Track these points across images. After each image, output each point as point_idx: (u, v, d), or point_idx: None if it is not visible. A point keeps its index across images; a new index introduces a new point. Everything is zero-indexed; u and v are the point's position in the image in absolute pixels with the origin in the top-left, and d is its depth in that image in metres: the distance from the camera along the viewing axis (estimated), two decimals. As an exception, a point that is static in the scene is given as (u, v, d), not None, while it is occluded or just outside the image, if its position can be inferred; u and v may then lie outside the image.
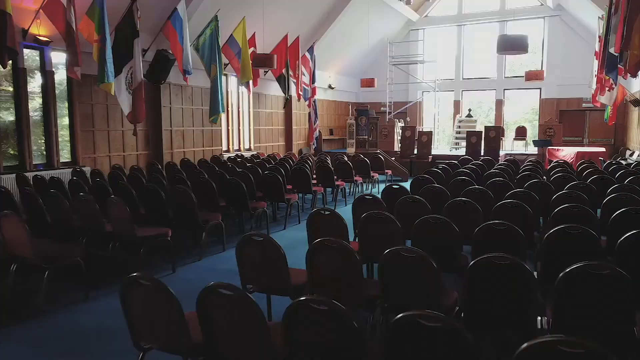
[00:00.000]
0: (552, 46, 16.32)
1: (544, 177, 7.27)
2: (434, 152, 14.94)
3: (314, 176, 9.25)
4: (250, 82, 11.78)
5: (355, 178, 9.83)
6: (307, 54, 13.83)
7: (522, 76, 17.52)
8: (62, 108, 8.75)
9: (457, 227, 3.74)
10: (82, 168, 8.39)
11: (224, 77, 12.47)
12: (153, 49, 9.58)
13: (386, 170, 11.42)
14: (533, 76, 12.01)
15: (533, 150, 16.00)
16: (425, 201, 4.79)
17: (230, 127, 12.64)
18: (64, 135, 8.77)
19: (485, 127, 14.36)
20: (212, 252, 6.04)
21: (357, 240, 4.66)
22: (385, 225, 3.97)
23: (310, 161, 10.81)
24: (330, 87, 17.29)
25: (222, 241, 6.15)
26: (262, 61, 9.23)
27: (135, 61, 8.48)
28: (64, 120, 8.76)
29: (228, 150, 12.63)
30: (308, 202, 9.29)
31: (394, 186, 5.85)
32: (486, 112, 25.41)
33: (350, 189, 10.62)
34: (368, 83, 14.33)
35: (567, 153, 12.18)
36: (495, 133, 13.98)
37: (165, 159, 10.37)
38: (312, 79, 13.94)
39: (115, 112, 9.05)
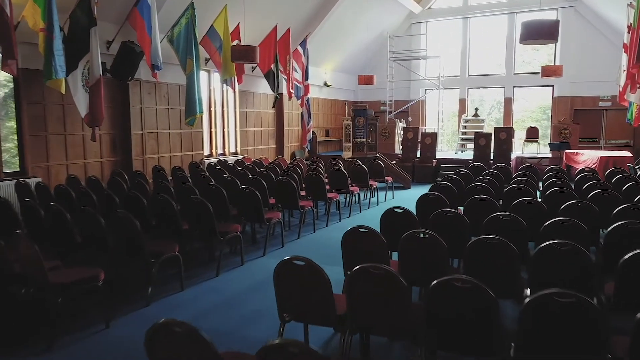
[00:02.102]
0: (566, 40, 15.03)
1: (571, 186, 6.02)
2: (438, 155, 13.70)
3: (305, 185, 8.01)
4: (234, 79, 10.54)
5: (351, 188, 8.58)
6: (300, 48, 12.57)
7: (533, 72, 16.39)
8: (9, 109, 7.52)
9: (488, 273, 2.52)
10: (30, 179, 7.16)
11: (204, 74, 11.24)
12: (118, 41, 8.32)
13: (386, 178, 10.17)
14: (550, 72, 10.77)
15: (545, 152, 14.79)
16: (440, 237, 3.55)
17: (213, 129, 11.39)
18: (11, 141, 7.54)
19: (495, 128, 13.12)
20: (167, 291, 4.79)
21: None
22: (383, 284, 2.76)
23: (302, 167, 9.56)
24: (325, 84, 16.05)
25: (180, 277, 4.90)
26: (241, 54, 7.97)
27: (93, 54, 7.24)
28: (10, 123, 7.53)
29: (211, 155, 11.38)
30: (295, 219, 8.04)
31: (396, 210, 4.60)
32: (488, 111, 24.12)
33: (346, 198, 9.39)
34: (366, 80, 13.08)
35: (588, 157, 10.93)
36: (506, 135, 12.74)
37: (136, 166, 9.13)
38: (305, 76, 12.69)
39: (73, 114, 7.79)
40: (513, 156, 13.20)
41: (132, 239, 4.40)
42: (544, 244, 3.17)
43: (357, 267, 2.74)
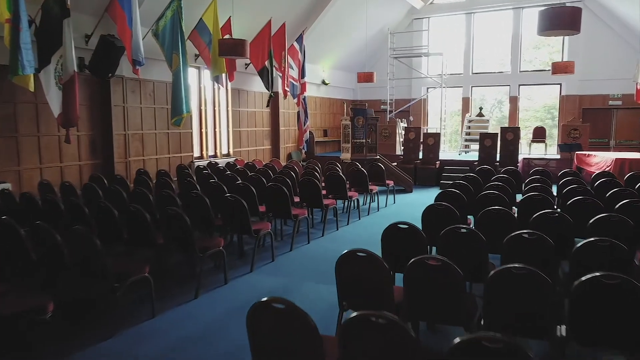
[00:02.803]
0: (574, 36, 14.39)
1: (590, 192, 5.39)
2: (440, 156, 13.06)
3: (299, 191, 7.39)
4: (225, 76, 9.93)
5: (349, 194, 7.95)
6: (296, 44, 11.94)
7: (540, 70, 15.79)
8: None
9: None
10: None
11: (194, 71, 10.62)
12: (98, 35, 7.69)
13: (387, 182, 9.54)
14: (561, 69, 10.15)
15: (552, 154, 14.17)
16: (453, 262, 2.91)
17: (203, 130, 10.75)
18: (-22, 142, 6.92)
19: (501, 128, 12.47)
20: (136, 319, 4.16)
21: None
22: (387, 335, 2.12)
23: (297, 171, 8.93)
24: (323, 82, 15.41)
25: (151, 301, 4.26)
26: (230, 48, 7.32)
27: (66, 48, 6.61)
28: (-23, 124, 6.91)
29: (201, 157, 10.75)
30: (289, 227, 7.41)
31: (400, 226, 3.98)
32: (489, 110, 23.49)
33: (344, 204, 8.76)
34: (366, 78, 12.44)
35: (601, 160, 10.29)
36: (513, 135, 12.11)
37: (118, 170, 8.51)
38: (302, 73, 12.06)
39: (47, 113, 7.14)
40: (519, 157, 12.57)
41: (90, 259, 3.77)
42: (588, 276, 2.53)
43: (354, 315, 2.10)
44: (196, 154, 10.69)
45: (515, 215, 5.20)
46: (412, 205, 9.73)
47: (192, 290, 4.75)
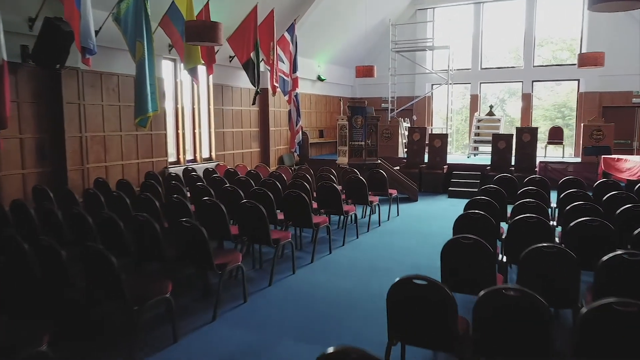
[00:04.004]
0: (594, 27, 13.11)
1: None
2: (448, 159, 11.76)
3: (284, 207, 6.08)
4: (200, 68, 8.64)
5: (345, 208, 6.65)
6: (286, 35, 10.64)
7: (557, 65, 14.50)
8: None
9: None
10: None
11: (169, 63, 9.32)
12: (42, 18, 6.38)
13: (390, 191, 8.25)
14: (589, 60, 8.87)
15: (569, 157, 12.91)
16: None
17: (180, 131, 9.44)
18: None
19: (517, 128, 11.18)
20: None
21: None
22: None
23: (284, 179, 7.65)
24: (319, 78, 14.12)
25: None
26: (198, 32, 5.99)
27: (-7, 31, 5.33)
28: None
29: (178, 162, 9.44)
30: (267, 253, 6.06)
31: (416, 282, 2.67)
32: (493, 108, 22.19)
33: (339, 218, 7.47)
34: (365, 72, 11.14)
35: (634, 165, 8.99)
36: (530, 136, 10.81)
37: (72, 179, 7.21)
38: (293, 68, 10.76)
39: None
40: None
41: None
42: None
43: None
44: (172, 158, 9.39)
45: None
46: (420, 218, 8.43)
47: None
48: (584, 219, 3.96)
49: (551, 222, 4.91)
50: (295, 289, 4.89)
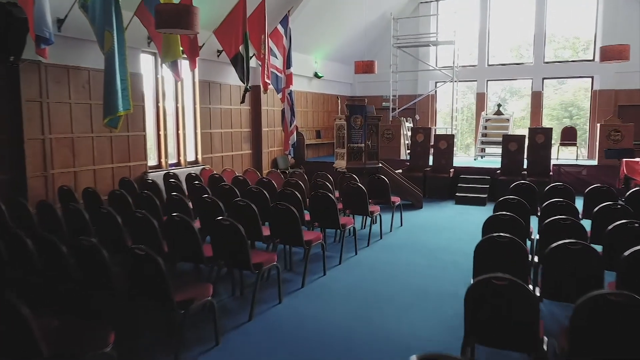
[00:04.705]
0: (610, 20, 12.27)
1: None
2: (454, 162, 10.92)
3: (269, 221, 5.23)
4: (181, 62, 7.80)
5: (342, 221, 5.80)
6: (280, 28, 9.79)
7: (569, 61, 13.67)
8: None
9: None
10: None
11: (149, 57, 8.48)
12: (-6, 3, 5.55)
13: (393, 199, 7.41)
14: (613, 54, 8.03)
15: (584, 159, 12.08)
16: None
17: (162, 132, 8.59)
18: None
19: (529, 129, 10.34)
20: None
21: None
22: None
23: (274, 186, 6.82)
24: (316, 76, 13.27)
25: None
26: (167, 17, 5.14)
27: None
28: None
29: (159, 166, 8.60)
30: (251, 275, 5.22)
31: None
32: (491, 108, 21.38)
33: (335, 232, 6.63)
34: (365, 67, 10.29)
35: (661, 169, 8.17)
36: (544, 137, 9.97)
37: (33, 187, 6.37)
38: (287, 63, 9.91)
39: None
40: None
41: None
42: None
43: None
44: (153, 162, 8.55)
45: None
46: (425, 228, 7.59)
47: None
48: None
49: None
50: (280, 325, 4.04)
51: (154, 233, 4.27)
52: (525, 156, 10.12)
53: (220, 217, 4.15)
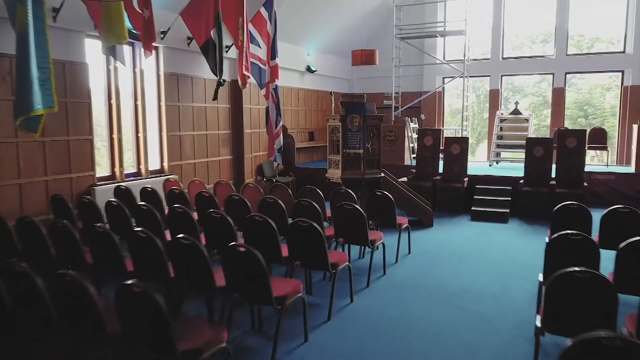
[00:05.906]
0: (633, 6, 10.79)
1: None
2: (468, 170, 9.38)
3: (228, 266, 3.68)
4: (140, 51, 6.26)
5: (332, 260, 4.24)
6: (263, 11, 8.23)
7: (595, 53, 12.16)
8: None
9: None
10: None
11: (97, 42, 6.88)
12: None
13: (399, 221, 5.87)
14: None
15: (613, 165, 10.61)
16: None
17: (115, 135, 7.02)
18: None
19: (558, 131, 8.82)
20: None
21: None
22: None
23: (247, 206, 5.27)
24: (309, 70, 11.74)
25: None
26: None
27: None
28: None
29: (113, 177, 7.04)
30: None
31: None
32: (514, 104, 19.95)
33: (324, 274, 5.06)
34: (365, 58, 8.73)
35: None
36: (576, 141, 8.43)
37: None
38: (272, 53, 8.36)
39: None
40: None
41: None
42: None
43: None
44: (105, 172, 6.99)
45: None
46: (439, 257, 6.05)
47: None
48: None
49: None
50: None
51: (38, 297, 2.71)
52: (553, 162, 8.61)
53: (129, 283, 2.58)
